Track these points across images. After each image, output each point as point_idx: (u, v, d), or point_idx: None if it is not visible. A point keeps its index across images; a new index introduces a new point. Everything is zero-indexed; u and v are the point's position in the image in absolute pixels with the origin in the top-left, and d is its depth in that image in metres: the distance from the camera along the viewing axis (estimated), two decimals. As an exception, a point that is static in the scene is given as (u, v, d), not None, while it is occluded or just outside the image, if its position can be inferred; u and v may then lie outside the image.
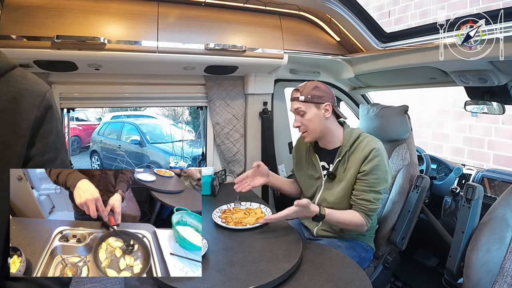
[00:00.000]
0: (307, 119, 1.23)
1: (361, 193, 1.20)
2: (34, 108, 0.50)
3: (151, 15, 1.29)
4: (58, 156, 0.54)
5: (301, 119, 1.25)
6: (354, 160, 1.22)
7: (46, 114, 0.51)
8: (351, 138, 1.24)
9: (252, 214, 1.26)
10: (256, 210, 1.31)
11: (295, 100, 1.25)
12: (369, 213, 1.20)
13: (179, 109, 6.16)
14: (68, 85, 1.47)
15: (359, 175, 1.20)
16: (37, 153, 0.50)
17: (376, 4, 3.91)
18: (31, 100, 0.50)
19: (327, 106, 1.23)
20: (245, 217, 1.24)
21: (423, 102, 3.37)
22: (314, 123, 1.24)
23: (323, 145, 1.32)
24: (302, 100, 1.22)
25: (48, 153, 0.52)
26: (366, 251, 1.31)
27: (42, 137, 0.51)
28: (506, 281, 0.83)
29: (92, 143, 5.75)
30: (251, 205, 1.34)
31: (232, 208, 1.31)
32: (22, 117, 0.48)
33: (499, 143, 2.82)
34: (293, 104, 1.26)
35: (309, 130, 1.25)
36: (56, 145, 0.53)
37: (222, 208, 1.29)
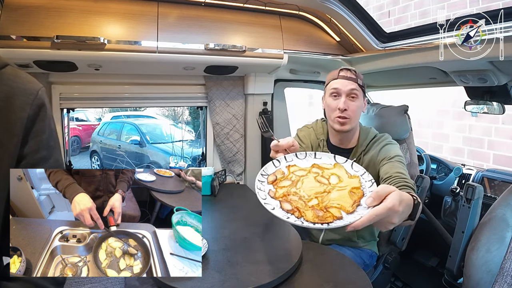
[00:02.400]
0: (357, 105, 1.11)
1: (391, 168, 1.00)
2: (27, 106, 0.49)
3: (151, 15, 1.29)
4: (52, 154, 0.53)
5: (351, 103, 1.10)
6: (368, 158, 1.14)
7: (39, 112, 0.51)
8: (367, 138, 1.18)
9: (335, 182, 0.64)
10: (334, 169, 0.68)
11: (351, 80, 1.10)
12: (413, 187, 0.93)
13: (179, 109, 6.15)
14: (68, 85, 1.47)
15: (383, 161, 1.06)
16: (30, 151, 0.50)
17: (376, 4, 3.91)
18: (24, 98, 0.49)
19: (365, 101, 1.17)
20: (326, 188, 0.63)
21: (423, 102, 3.37)
22: (359, 113, 1.13)
23: (339, 143, 1.20)
24: (360, 83, 1.10)
25: (42, 151, 0.52)
26: (371, 257, 1.28)
27: (35, 135, 0.51)
28: (506, 281, 0.83)
29: (92, 143, 5.75)
30: (317, 157, 0.72)
31: (287, 168, 0.69)
32: (15, 115, 0.48)
33: (499, 143, 2.82)
34: (348, 83, 1.09)
35: (353, 117, 1.11)
36: (49, 143, 0.53)
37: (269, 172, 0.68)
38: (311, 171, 0.66)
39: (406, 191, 0.78)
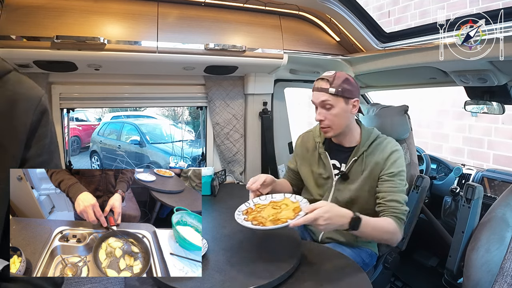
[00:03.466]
0: (334, 114, 1.12)
1: (389, 194, 1.09)
2: (30, 112, 0.50)
3: (151, 15, 1.29)
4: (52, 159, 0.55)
5: (327, 113, 1.13)
6: (372, 161, 1.14)
7: (41, 118, 0.52)
8: (370, 138, 1.17)
9: (284, 207, 1.00)
10: (283, 201, 1.05)
11: (322, 91, 1.12)
12: (401, 217, 1.07)
13: (179, 109, 6.16)
14: (68, 85, 1.47)
15: (385, 177, 1.11)
16: (33, 155, 0.51)
17: (376, 4, 3.91)
18: (27, 104, 0.50)
19: (355, 102, 1.13)
20: (278, 211, 0.98)
21: (423, 102, 3.38)
22: (340, 119, 1.13)
23: (339, 141, 1.22)
24: (332, 92, 1.10)
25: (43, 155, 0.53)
26: (371, 257, 1.27)
27: (38, 140, 0.52)
28: (506, 281, 0.83)
29: (92, 143, 5.76)
30: (273, 197, 1.08)
31: (254, 206, 1.04)
32: (18, 121, 0.49)
33: (499, 143, 2.82)
34: (319, 95, 1.12)
35: (334, 126, 1.14)
36: (50, 148, 0.54)
37: (242, 209, 1.03)
38: (269, 205, 1.04)
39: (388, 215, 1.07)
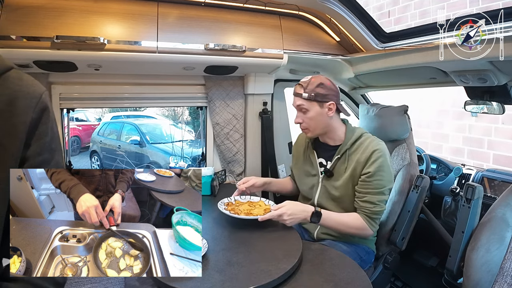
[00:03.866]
0: (309, 117, 1.20)
1: (364, 195, 1.17)
2: (30, 110, 0.50)
3: (151, 15, 1.29)
4: (53, 157, 0.54)
5: (303, 116, 1.21)
6: (355, 159, 1.19)
7: (42, 115, 0.51)
8: (353, 137, 1.22)
9: (258, 207, 1.23)
10: (259, 203, 1.28)
11: (298, 96, 1.20)
12: (373, 216, 1.17)
13: (179, 109, 6.16)
14: (68, 85, 1.47)
15: (363, 177, 1.17)
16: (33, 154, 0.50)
17: (376, 4, 3.91)
18: (27, 102, 0.50)
19: (331, 105, 1.19)
20: (252, 209, 1.21)
21: (423, 102, 3.38)
22: (316, 122, 1.20)
23: (324, 140, 1.29)
24: (305, 97, 1.18)
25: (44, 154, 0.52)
26: (368, 254, 1.29)
27: (38, 138, 0.51)
28: (506, 281, 0.83)
29: (92, 143, 5.76)
30: (251, 199, 1.31)
31: (234, 201, 1.28)
32: (18, 119, 0.48)
33: (499, 143, 2.82)
34: (296, 100, 1.21)
35: (310, 127, 1.22)
36: (51, 146, 0.53)
37: (224, 201, 1.26)
38: (246, 203, 1.28)
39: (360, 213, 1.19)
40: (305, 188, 1.34)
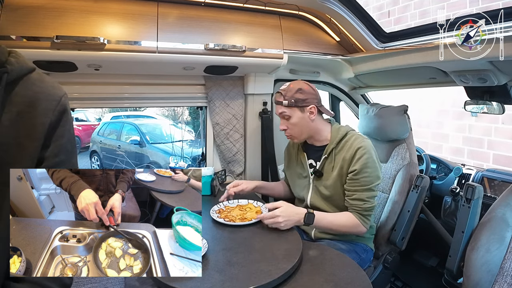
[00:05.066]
0: (293, 123, 1.23)
1: (353, 193, 1.18)
2: (50, 112, 0.50)
3: (150, 15, 1.29)
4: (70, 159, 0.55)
5: (287, 122, 1.24)
6: (341, 158, 1.21)
7: (61, 118, 0.52)
8: (338, 136, 1.24)
9: (248, 210, 1.25)
10: (248, 205, 1.30)
11: (279, 104, 1.24)
12: (364, 213, 1.18)
13: (179, 109, 6.16)
14: (68, 85, 1.46)
15: (350, 175, 1.18)
16: (50, 155, 0.51)
17: (376, 4, 3.91)
18: (47, 104, 0.50)
19: (311, 109, 1.22)
20: (244, 213, 1.23)
21: (423, 102, 3.38)
22: (300, 127, 1.24)
23: (311, 142, 1.32)
24: (285, 104, 1.21)
25: (60, 155, 0.53)
26: (366, 252, 1.30)
27: (56, 139, 0.52)
28: (506, 281, 0.83)
29: (92, 143, 5.76)
30: (239, 202, 1.33)
31: (225, 207, 1.29)
32: (37, 120, 0.49)
33: (498, 143, 2.82)
34: (277, 108, 1.25)
35: (295, 133, 1.26)
36: (67, 148, 0.54)
37: (215, 209, 1.27)
38: (236, 207, 1.29)
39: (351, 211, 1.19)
40: (298, 190, 1.36)
